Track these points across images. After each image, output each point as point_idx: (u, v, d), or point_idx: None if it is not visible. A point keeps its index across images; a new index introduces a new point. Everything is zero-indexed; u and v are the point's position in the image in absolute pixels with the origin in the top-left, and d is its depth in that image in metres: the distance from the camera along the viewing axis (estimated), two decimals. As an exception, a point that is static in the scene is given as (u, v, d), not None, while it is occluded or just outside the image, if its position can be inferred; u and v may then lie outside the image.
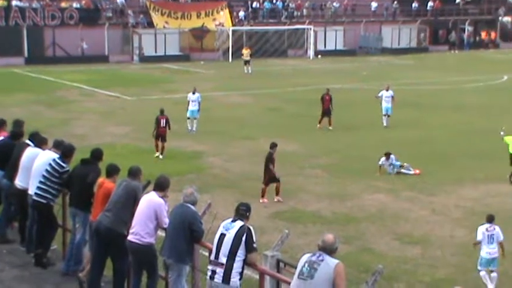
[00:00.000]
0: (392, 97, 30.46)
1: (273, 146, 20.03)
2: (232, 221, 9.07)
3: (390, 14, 70.07)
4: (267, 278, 9.22)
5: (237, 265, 8.84)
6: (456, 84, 44.82)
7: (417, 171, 22.65)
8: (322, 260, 7.77)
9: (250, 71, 49.87)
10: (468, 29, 72.35)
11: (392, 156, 22.80)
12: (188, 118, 28.55)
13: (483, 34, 73.49)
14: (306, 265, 7.83)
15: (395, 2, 70.30)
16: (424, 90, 41.10)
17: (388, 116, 30.44)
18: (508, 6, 76.29)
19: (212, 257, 9.00)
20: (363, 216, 18.58)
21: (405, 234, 17.32)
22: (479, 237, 14.56)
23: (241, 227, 8.96)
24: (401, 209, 19.30)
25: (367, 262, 14.97)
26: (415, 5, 70.69)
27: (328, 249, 7.84)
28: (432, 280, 14.66)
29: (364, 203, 19.74)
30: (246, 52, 51.34)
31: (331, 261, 7.75)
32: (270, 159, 19.77)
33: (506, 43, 73.08)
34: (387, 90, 30.68)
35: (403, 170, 22.71)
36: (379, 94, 30.92)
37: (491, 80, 47.12)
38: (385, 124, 30.29)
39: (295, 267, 8.10)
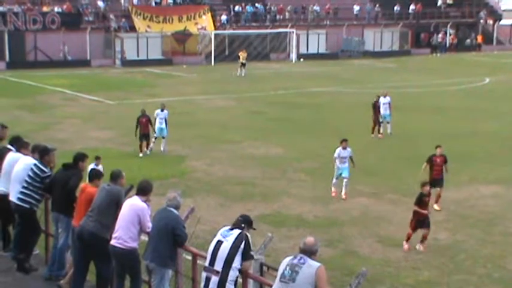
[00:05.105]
0: (390, 104, 29.39)
1: (424, 184, 16.93)
2: (230, 229, 8.95)
3: (372, 18, 70.34)
4: (250, 281, 9.20)
5: (232, 273, 8.70)
6: (438, 87, 45.07)
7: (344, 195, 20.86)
8: (303, 263, 7.76)
9: (243, 74, 49.88)
10: (450, 32, 72.77)
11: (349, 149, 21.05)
12: (155, 137, 25.77)
13: (479, 38, 73.88)
14: (288, 268, 7.82)
15: (378, 6, 70.57)
16: (406, 93, 41.28)
17: (388, 122, 29.41)
18: (489, 9, 76.86)
19: (207, 263, 8.87)
20: (346, 220, 18.61)
21: (388, 237, 17.37)
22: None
23: (239, 234, 8.83)
24: (384, 212, 19.35)
25: (351, 265, 15.00)
26: (397, 8, 71.00)
27: (309, 252, 7.84)
28: (415, 282, 14.70)
29: (347, 206, 19.77)
30: (243, 55, 51.40)
31: (312, 264, 7.75)
32: (420, 201, 16.67)
33: (488, 46, 73.62)
34: (385, 96, 29.50)
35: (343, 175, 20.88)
36: (379, 102, 29.42)
37: (473, 83, 47.44)
38: (381, 131, 29.21)
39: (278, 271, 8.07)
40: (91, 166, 17.90)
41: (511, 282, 14.91)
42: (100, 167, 18.59)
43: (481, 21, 75.11)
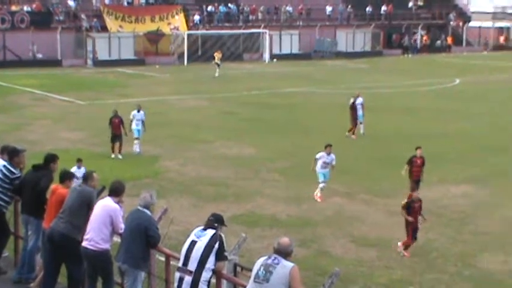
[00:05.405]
0: (362, 104, 29.38)
1: (413, 190, 17.01)
2: (203, 229, 8.87)
3: (344, 18, 70.63)
4: (224, 281, 9.16)
5: (206, 274, 8.62)
6: (410, 88, 45.36)
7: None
8: (277, 263, 7.74)
9: (216, 74, 49.66)
10: (421, 33, 73.32)
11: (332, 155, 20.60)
12: (136, 138, 25.66)
13: (449, 39, 74.51)
14: (262, 268, 7.80)
15: (350, 6, 70.88)
16: (378, 93, 41.49)
17: (360, 123, 29.44)
18: (459, 11, 77.62)
19: (180, 264, 8.78)
20: (320, 220, 18.64)
21: (361, 236, 17.43)
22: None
23: (213, 234, 8.75)
24: (357, 212, 19.42)
25: (324, 265, 15.02)
26: (369, 9, 71.36)
27: (284, 252, 7.82)
28: (388, 281, 14.77)
29: (320, 206, 19.80)
30: (218, 56, 51.25)
31: (286, 264, 7.73)
32: (408, 207, 16.43)
33: (458, 47, 74.32)
34: (357, 97, 29.51)
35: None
36: (350, 102, 29.57)
37: (444, 84, 47.83)
38: (355, 132, 29.23)
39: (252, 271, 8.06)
40: (73, 169, 17.79)
41: (481, 280, 15.06)
42: (82, 170, 18.42)
43: (451, 23, 75.81)
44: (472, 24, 78.19)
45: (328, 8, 69.43)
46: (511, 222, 18.70)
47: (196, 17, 63.19)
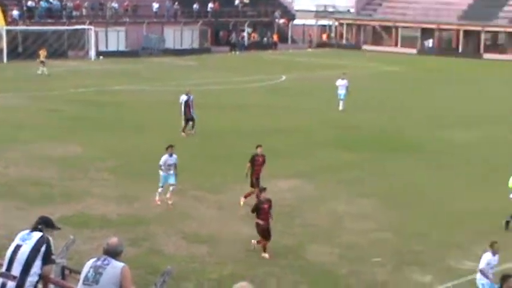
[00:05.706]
0: (192, 101, 29.17)
1: (262, 189, 17.02)
2: (29, 232, 8.49)
3: (172, 15, 70.51)
4: (51, 286, 8.77)
5: (31, 279, 8.24)
6: (239, 85, 46.07)
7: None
8: (107, 264, 7.63)
9: (46, 72, 47.66)
10: (248, 30, 74.79)
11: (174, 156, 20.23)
12: None
13: (275, 37, 76.35)
14: (91, 270, 7.66)
15: (177, 3, 70.85)
16: (207, 90, 41.73)
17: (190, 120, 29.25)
18: (284, 10, 79.97)
19: (3, 269, 8.35)
20: (151, 218, 18.44)
21: (193, 233, 17.43)
22: None
23: (40, 237, 8.40)
24: (188, 208, 19.42)
25: (156, 263, 14.85)
26: (196, 6, 71.67)
27: (113, 252, 7.72)
28: (220, 277, 14.84)
29: (151, 204, 19.58)
30: (43, 53, 49.14)
31: (116, 265, 7.63)
32: (257, 209, 16.56)
33: (283, 44, 76.53)
34: (187, 94, 29.34)
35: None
36: (180, 100, 29.36)
37: (271, 80, 49.00)
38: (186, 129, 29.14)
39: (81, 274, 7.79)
40: None
41: (310, 271, 15.52)
42: None
43: (276, 20, 77.98)
44: (296, 22, 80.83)
45: (155, 5, 68.96)
46: (335, 215, 19.43)
47: (15, 12, 60.41)
